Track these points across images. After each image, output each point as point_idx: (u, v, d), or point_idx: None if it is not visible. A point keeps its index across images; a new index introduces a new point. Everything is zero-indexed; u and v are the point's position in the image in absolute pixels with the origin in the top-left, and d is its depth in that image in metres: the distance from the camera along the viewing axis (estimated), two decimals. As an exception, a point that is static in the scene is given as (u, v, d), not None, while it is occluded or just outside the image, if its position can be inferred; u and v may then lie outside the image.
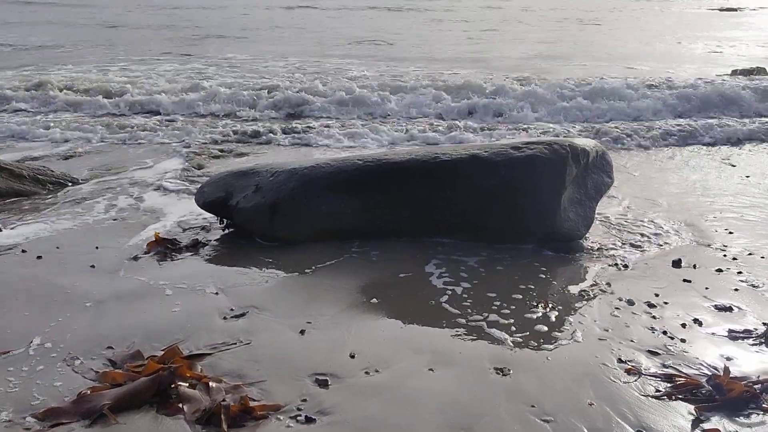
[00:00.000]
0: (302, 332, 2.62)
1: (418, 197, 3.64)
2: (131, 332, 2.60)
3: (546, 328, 2.69)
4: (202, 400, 2.14)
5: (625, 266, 3.34)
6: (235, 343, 2.52)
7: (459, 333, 2.65)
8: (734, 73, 11.13)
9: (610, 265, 3.36)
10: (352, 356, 2.43)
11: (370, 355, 2.44)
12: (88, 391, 2.14)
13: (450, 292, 3.02)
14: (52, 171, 4.95)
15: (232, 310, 2.81)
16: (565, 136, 6.20)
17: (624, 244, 3.69)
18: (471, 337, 2.62)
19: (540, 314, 2.81)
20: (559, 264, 3.41)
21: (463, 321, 2.75)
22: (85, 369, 2.33)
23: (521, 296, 2.99)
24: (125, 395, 2.08)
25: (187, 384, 2.22)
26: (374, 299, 2.93)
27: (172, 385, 2.19)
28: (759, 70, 11.13)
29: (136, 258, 3.39)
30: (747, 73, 11.07)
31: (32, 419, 2.02)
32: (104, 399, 2.03)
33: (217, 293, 2.98)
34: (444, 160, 3.64)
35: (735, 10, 23.13)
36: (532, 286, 3.09)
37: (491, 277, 3.20)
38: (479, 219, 3.62)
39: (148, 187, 4.72)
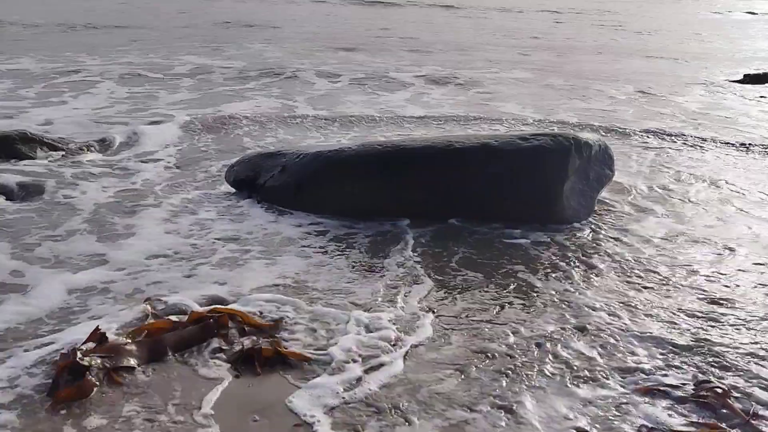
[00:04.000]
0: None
1: (431, 180, 3.94)
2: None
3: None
4: (240, 343, 2.47)
5: (618, 252, 3.62)
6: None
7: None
8: (745, 77, 11.27)
9: (604, 251, 3.64)
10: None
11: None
12: (145, 331, 2.46)
13: (451, 269, 3.32)
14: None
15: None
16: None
17: (623, 230, 3.95)
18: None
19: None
20: (555, 247, 3.66)
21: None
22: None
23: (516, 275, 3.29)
24: (181, 339, 2.41)
25: (227, 332, 2.55)
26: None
27: (217, 333, 2.52)
28: (769, 76, 11.21)
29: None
30: (757, 78, 11.21)
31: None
32: (166, 341, 2.37)
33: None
34: (457, 147, 3.95)
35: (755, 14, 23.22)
36: (527, 266, 3.39)
37: (496, 253, 3.49)
38: (488, 202, 3.92)
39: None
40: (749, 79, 11.02)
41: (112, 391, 2.15)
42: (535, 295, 3.01)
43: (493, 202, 3.95)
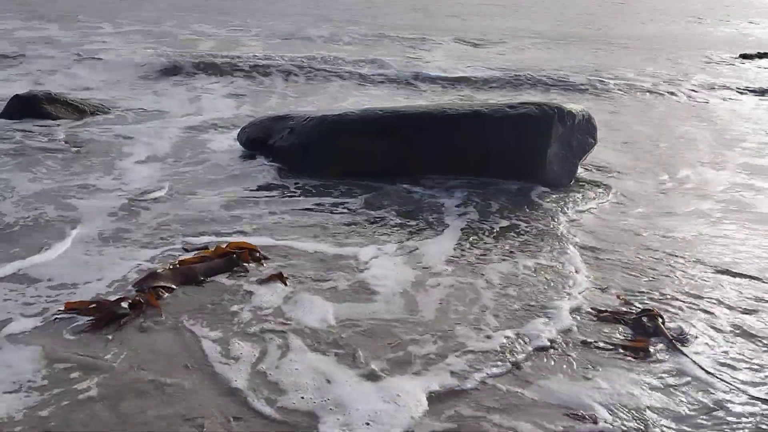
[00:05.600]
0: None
1: (428, 143, 4.35)
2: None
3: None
4: (257, 272, 2.92)
5: (592, 211, 4.04)
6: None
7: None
8: (743, 56, 11.63)
9: (580, 210, 4.05)
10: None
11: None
12: (177, 264, 2.91)
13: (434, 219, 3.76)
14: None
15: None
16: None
17: (601, 192, 4.36)
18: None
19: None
20: (536, 205, 4.06)
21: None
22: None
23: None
24: (210, 268, 2.86)
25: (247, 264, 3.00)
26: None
27: (239, 264, 2.97)
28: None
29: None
30: (753, 57, 11.59)
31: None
32: (197, 270, 2.82)
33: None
34: (450, 114, 4.36)
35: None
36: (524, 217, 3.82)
37: (487, 209, 3.92)
38: (478, 165, 4.33)
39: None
40: (746, 58, 11.44)
41: (159, 304, 2.61)
42: (522, 243, 3.45)
43: (483, 165, 4.36)
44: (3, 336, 2.36)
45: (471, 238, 3.46)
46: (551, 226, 3.69)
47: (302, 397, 2.10)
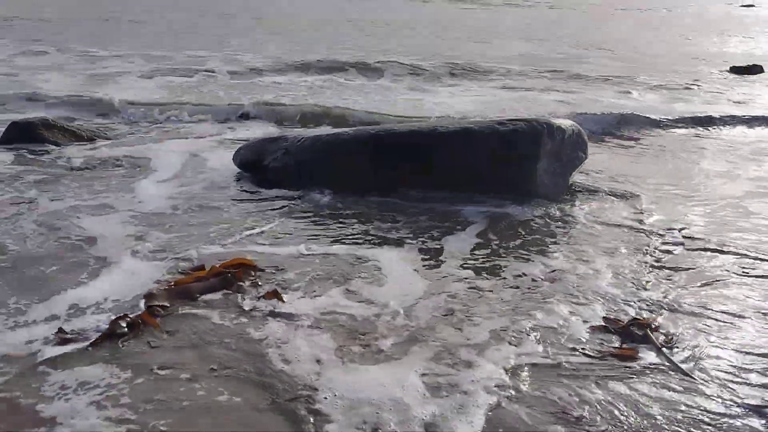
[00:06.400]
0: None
1: (419, 160, 4.43)
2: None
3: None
4: (253, 290, 2.97)
5: (585, 223, 4.10)
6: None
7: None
8: (732, 69, 11.90)
9: (572, 223, 4.12)
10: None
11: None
12: (173, 284, 2.96)
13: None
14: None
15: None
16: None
17: (592, 207, 4.42)
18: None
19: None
20: (529, 219, 4.12)
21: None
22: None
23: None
24: (205, 287, 2.92)
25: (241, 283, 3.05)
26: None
27: (233, 283, 3.02)
28: (756, 68, 11.89)
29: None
30: (744, 70, 11.85)
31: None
32: (193, 289, 2.88)
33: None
34: (441, 132, 4.43)
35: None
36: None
37: (481, 223, 3.97)
38: (469, 181, 4.39)
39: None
40: (735, 71, 11.72)
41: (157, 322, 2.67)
42: (518, 255, 3.51)
43: (474, 180, 4.43)
44: (48, 357, 2.44)
45: (470, 248, 3.55)
46: (550, 235, 3.76)
47: (317, 397, 2.19)
